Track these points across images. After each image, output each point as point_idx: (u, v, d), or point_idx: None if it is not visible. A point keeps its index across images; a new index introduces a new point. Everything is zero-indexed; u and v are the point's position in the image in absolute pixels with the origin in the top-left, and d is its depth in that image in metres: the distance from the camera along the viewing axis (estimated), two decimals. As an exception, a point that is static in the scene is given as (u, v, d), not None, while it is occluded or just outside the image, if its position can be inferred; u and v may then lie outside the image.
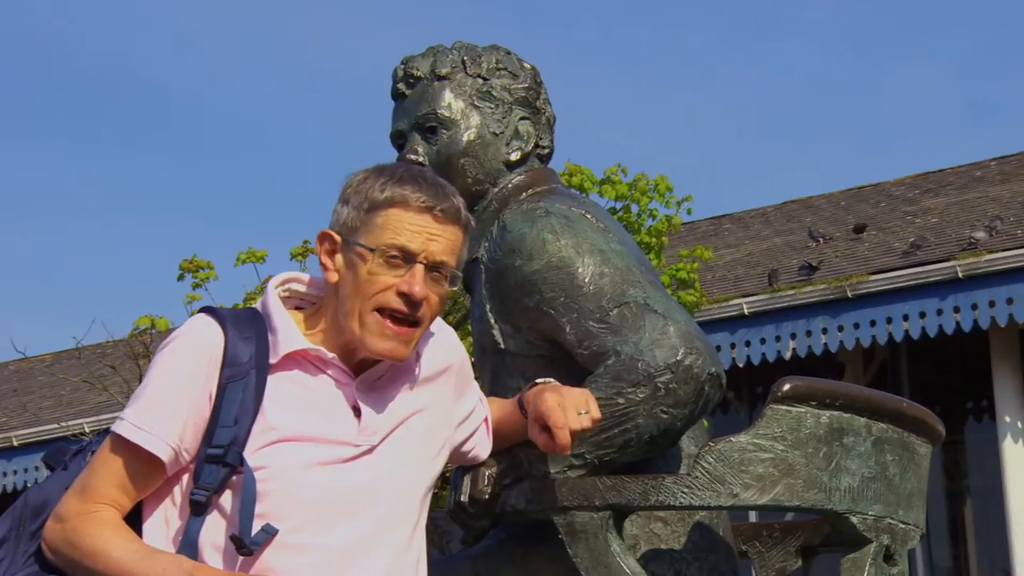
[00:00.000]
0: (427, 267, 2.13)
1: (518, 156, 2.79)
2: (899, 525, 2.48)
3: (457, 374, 2.33)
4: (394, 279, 2.12)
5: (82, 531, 2.06)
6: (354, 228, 2.14)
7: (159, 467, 2.09)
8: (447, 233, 2.15)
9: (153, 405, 2.09)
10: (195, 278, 9.80)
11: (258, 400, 2.09)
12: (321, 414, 2.12)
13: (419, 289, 2.11)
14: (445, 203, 2.14)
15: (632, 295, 2.49)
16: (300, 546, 2.06)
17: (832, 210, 14.58)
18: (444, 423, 2.29)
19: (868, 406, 2.42)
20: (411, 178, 2.15)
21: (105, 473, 2.09)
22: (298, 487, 2.07)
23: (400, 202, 2.13)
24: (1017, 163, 14.35)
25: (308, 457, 2.09)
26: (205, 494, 2.06)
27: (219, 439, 2.07)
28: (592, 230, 2.59)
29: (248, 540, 2.03)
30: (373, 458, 2.14)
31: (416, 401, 2.22)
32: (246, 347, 2.11)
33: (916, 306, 10.68)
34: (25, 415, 14.09)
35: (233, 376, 2.09)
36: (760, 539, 2.83)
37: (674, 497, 2.33)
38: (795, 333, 11.11)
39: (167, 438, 2.07)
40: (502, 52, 2.85)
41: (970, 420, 12.60)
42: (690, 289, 9.70)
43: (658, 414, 2.41)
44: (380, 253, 2.11)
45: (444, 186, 2.18)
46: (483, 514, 2.48)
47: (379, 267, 2.12)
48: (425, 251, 2.12)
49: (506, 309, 2.63)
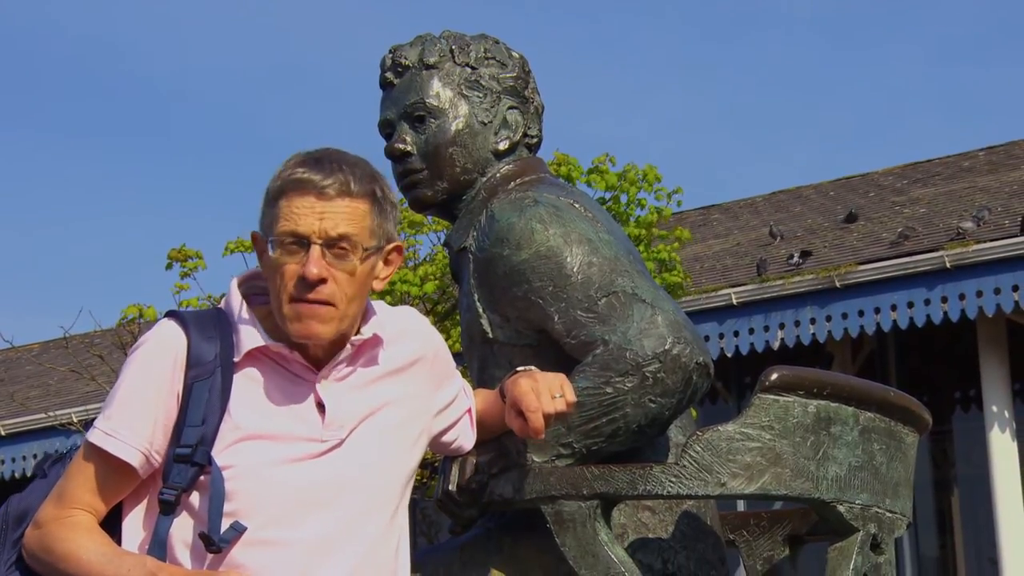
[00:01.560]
0: (325, 244, 2.11)
1: (506, 145, 2.79)
2: (886, 514, 2.49)
3: (432, 363, 2.32)
4: (296, 266, 2.11)
5: (57, 536, 2.10)
6: (264, 225, 2.16)
7: (131, 472, 2.11)
8: (338, 207, 2.12)
9: (122, 411, 2.12)
10: (184, 267, 9.80)
11: (225, 399, 2.10)
12: (286, 411, 2.13)
13: (315, 270, 2.09)
14: (329, 179, 2.12)
15: (620, 284, 2.49)
16: (270, 542, 2.07)
17: (821, 200, 14.60)
18: (419, 413, 2.28)
19: (855, 395, 2.43)
20: (303, 162, 2.14)
21: (80, 479, 2.13)
22: (266, 485, 2.08)
23: (287, 189, 2.13)
24: (1005, 153, 14.38)
25: (275, 455, 2.10)
26: (174, 493, 2.08)
27: (187, 439, 2.08)
28: (580, 219, 2.59)
29: (217, 538, 2.04)
30: (340, 453, 2.14)
31: (385, 393, 2.21)
32: (210, 347, 2.12)
33: (904, 296, 10.70)
34: (12, 404, 14.06)
35: (199, 376, 2.10)
36: (748, 528, 2.84)
37: (662, 486, 2.33)
38: (783, 323, 11.13)
39: (137, 443, 2.10)
40: (490, 41, 2.85)
41: (957, 409, 12.63)
42: (673, 270, 9.72)
43: (646, 403, 2.41)
44: (277, 243, 2.12)
45: (339, 161, 2.15)
46: (471, 503, 2.48)
47: (282, 256, 2.12)
48: (316, 230, 2.11)
49: (494, 298, 2.62)
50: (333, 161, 2.14)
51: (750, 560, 2.82)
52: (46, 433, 13.19)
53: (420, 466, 2.31)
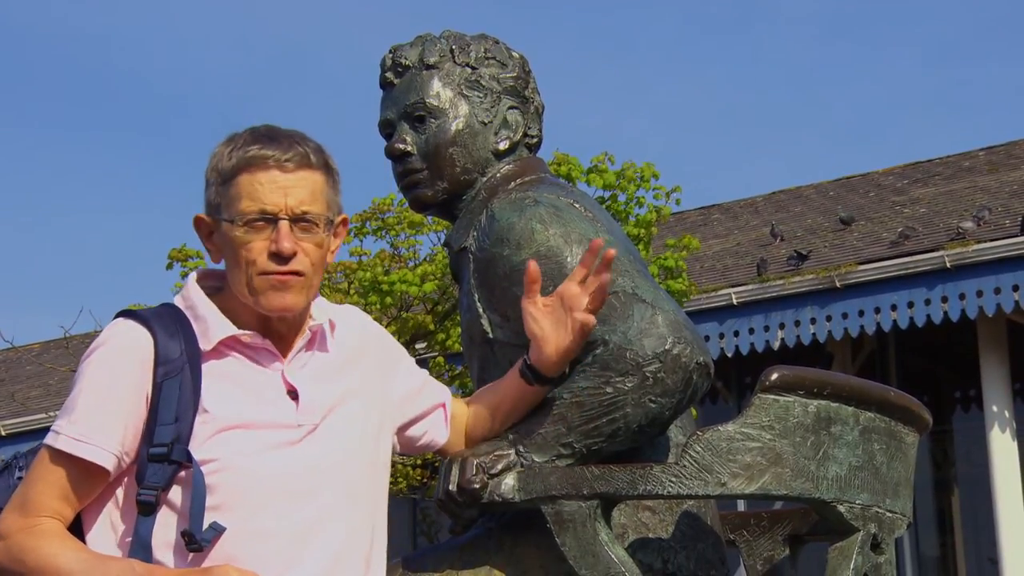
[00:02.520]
0: (292, 220, 2.13)
1: (506, 145, 2.79)
2: (886, 514, 2.49)
3: (380, 351, 2.34)
4: (264, 242, 2.12)
5: (27, 546, 2.05)
6: (217, 206, 2.16)
7: (102, 476, 2.09)
8: (301, 181, 2.14)
9: (90, 415, 2.08)
10: (184, 267, 9.80)
11: (196, 393, 2.09)
12: (260, 399, 2.13)
13: (287, 245, 2.11)
14: (289, 152, 2.14)
15: (620, 284, 2.49)
16: (256, 532, 2.06)
17: (821, 200, 14.60)
18: (376, 403, 2.29)
19: (855, 395, 2.43)
20: (254, 139, 2.15)
21: (45, 486, 2.08)
22: (247, 475, 2.07)
23: (245, 166, 2.13)
24: (1005, 153, 14.38)
25: (253, 444, 2.09)
26: (153, 494, 2.05)
27: (160, 437, 2.06)
28: (580, 219, 2.59)
29: (199, 536, 2.02)
30: (315, 439, 2.15)
31: (345, 382, 2.23)
32: (174, 343, 2.11)
33: (904, 296, 10.71)
34: (13, 404, 14.08)
35: (168, 374, 2.09)
36: (748, 528, 2.84)
37: (662, 486, 2.33)
38: (783, 323, 11.14)
39: (110, 447, 2.07)
40: (490, 41, 2.85)
41: (958, 409, 12.64)
42: (678, 278, 9.71)
43: (646, 403, 2.41)
44: (241, 220, 2.12)
45: (290, 136, 2.17)
46: (471, 503, 2.48)
47: (247, 234, 2.12)
48: (283, 206, 2.12)
49: (494, 298, 2.63)
50: (284, 136, 2.16)
51: (750, 560, 2.82)
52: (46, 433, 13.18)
53: (421, 466, 2.31)
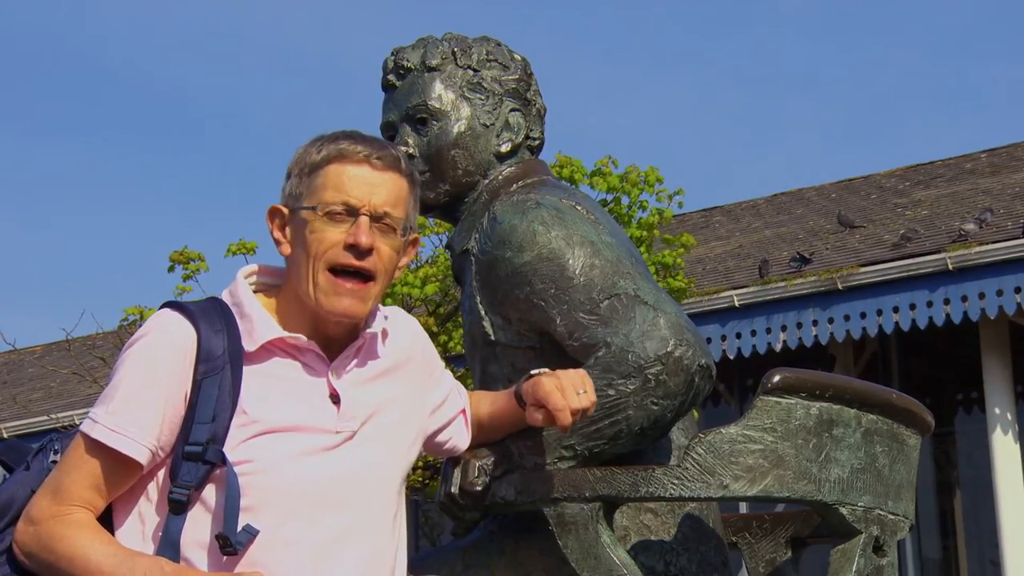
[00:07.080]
0: (372, 218, 2.12)
1: (508, 148, 2.79)
2: (888, 516, 2.49)
3: (422, 361, 2.32)
4: (340, 234, 2.11)
5: (57, 534, 2.03)
6: (298, 195, 2.14)
7: (136, 468, 2.06)
8: (388, 182, 2.14)
9: (128, 406, 2.05)
10: (186, 269, 9.81)
11: (235, 394, 2.06)
12: (301, 402, 2.11)
13: (365, 239, 2.10)
14: (382, 151, 2.14)
15: (622, 287, 2.49)
16: (288, 539, 2.05)
17: (823, 202, 14.59)
18: (415, 412, 2.28)
19: (858, 397, 2.43)
20: (346, 136, 2.16)
21: (79, 475, 2.06)
22: (284, 478, 2.05)
23: (336, 157, 2.13)
24: (1007, 155, 14.38)
25: (293, 447, 2.07)
26: (185, 492, 2.03)
27: (196, 436, 2.03)
28: (582, 222, 2.59)
29: (234, 539, 2.00)
30: (354, 444, 2.13)
31: (388, 389, 2.21)
32: (219, 340, 2.08)
33: (906, 298, 10.70)
34: (15, 407, 14.09)
35: (208, 372, 2.06)
36: (750, 530, 2.83)
37: (664, 488, 2.33)
38: (786, 325, 11.13)
39: (145, 441, 2.04)
40: (492, 43, 2.85)
41: (960, 412, 12.63)
42: (677, 276, 9.72)
43: (648, 405, 2.41)
44: (323, 209, 2.11)
45: (382, 140, 2.20)
46: (473, 506, 2.48)
47: (324, 225, 2.11)
48: (367, 202, 2.12)
49: (496, 300, 2.62)
50: (376, 139, 2.19)
51: (752, 562, 2.82)
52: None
53: (422, 467, 2.32)
